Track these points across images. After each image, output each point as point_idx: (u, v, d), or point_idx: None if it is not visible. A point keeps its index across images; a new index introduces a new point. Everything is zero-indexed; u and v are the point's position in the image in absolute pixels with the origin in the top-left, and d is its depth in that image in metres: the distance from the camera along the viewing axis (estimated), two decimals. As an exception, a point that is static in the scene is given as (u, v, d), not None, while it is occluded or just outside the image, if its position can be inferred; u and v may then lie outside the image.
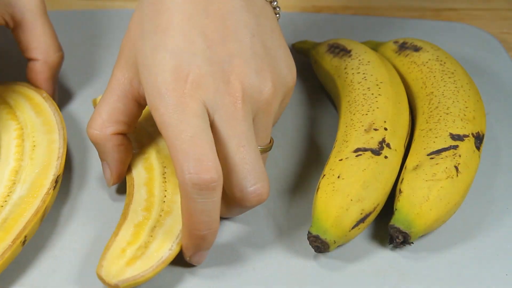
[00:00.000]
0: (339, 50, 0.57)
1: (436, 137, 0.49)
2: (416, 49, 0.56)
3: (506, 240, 0.48)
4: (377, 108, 0.51)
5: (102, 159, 0.48)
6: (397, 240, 0.46)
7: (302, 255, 0.47)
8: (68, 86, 0.58)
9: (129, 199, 0.47)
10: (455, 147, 0.48)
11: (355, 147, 0.48)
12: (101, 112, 0.47)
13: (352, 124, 0.50)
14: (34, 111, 0.52)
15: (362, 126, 0.50)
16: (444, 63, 0.54)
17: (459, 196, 0.47)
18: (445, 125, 0.49)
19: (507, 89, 0.61)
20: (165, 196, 0.47)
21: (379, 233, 0.48)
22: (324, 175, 0.48)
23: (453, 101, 0.51)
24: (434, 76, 0.53)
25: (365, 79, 0.53)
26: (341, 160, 0.48)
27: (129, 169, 0.49)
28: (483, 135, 0.50)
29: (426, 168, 0.47)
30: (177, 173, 0.41)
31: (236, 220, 0.49)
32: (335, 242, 0.45)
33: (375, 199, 0.46)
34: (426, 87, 0.53)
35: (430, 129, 0.50)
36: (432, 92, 0.52)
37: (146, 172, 0.48)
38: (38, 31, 0.55)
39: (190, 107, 0.42)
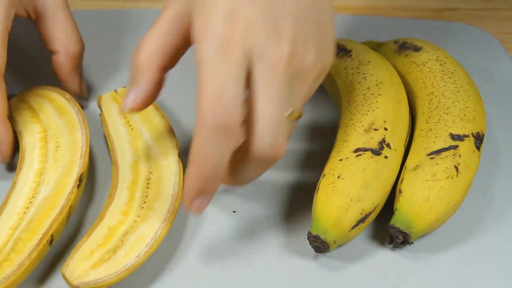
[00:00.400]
0: (339, 50, 0.57)
1: (436, 137, 0.49)
2: (416, 49, 0.56)
3: (506, 240, 0.48)
4: (377, 108, 0.51)
5: (132, 84, 0.47)
6: (397, 240, 0.46)
7: (302, 255, 0.47)
8: (68, 86, 0.58)
9: (109, 200, 0.47)
10: (455, 147, 0.48)
11: (355, 147, 0.48)
12: (149, 42, 0.47)
13: (352, 124, 0.50)
14: (57, 112, 0.52)
15: (362, 126, 0.50)
16: (444, 63, 0.54)
17: (459, 196, 0.47)
18: (445, 125, 0.49)
19: (507, 89, 0.61)
20: (144, 202, 0.47)
21: (379, 233, 0.48)
22: (324, 175, 0.48)
23: (453, 101, 0.51)
24: (434, 76, 0.53)
25: (365, 79, 0.53)
26: (341, 160, 0.48)
27: (116, 170, 0.49)
28: (483, 135, 0.50)
29: (426, 168, 0.47)
30: (198, 112, 0.42)
31: (236, 220, 0.49)
32: (335, 242, 0.45)
33: (375, 199, 0.46)
34: (426, 87, 0.53)
35: (430, 129, 0.50)
36: (432, 92, 0.52)
37: (132, 175, 0.48)
38: (59, 23, 0.56)
39: (232, 52, 0.42)
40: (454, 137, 0.48)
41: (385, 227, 0.48)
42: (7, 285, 0.42)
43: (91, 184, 0.51)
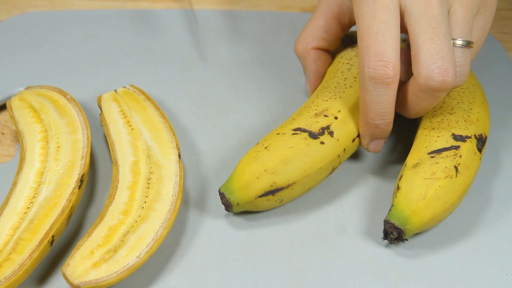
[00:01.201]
0: (349, 40, 0.57)
1: (438, 137, 0.49)
2: None
3: (506, 240, 0.48)
4: (340, 97, 0.51)
5: (304, 73, 0.56)
6: (391, 236, 0.46)
7: (302, 255, 0.47)
8: (69, 85, 0.58)
9: (110, 200, 0.47)
10: (457, 147, 0.48)
11: (297, 126, 0.49)
12: (305, 30, 0.55)
13: (309, 106, 0.51)
14: (58, 112, 0.52)
15: (316, 110, 0.50)
16: None
17: (457, 196, 0.47)
18: (448, 125, 0.49)
19: (507, 89, 0.61)
20: (145, 202, 0.47)
21: (379, 232, 0.48)
22: (258, 143, 0.49)
23: (458, 102, 0.51)
24: None
25: (349, 70, 0.53)
26: (278, 134, 0.49)
27: (116, 170, 0.49)
28: (485, 138, 0.50)
29: (426, 166, 0.47)
30: (359, 65, 0.46)
31: (236, 220, 0.49)
32: (238, 204, 0.47)
33: (290, 176, 0.47)
34: None
35: (433, 128, 0.50)
36: None
37: (132, 175, 0.48)
38: None
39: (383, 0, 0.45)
40: (456, 137, 0.48)
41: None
42: (8, 285, 0.42)
43: (92, 184, 0.51)
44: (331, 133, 0.49)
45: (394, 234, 0.46)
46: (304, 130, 0.49)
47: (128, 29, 0.66)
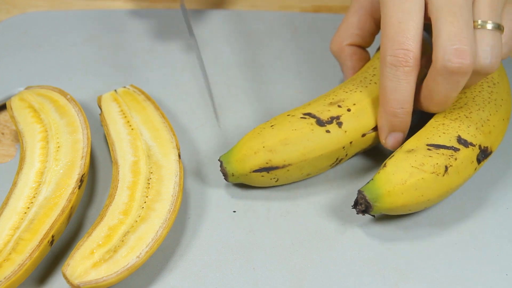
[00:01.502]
0: None
1: (443, 133, 0.49)
2: None
3: (506, 240, 0.48)
4: (360, 91, 0.51)
5: (342, 70, 0.57)
6: (359, 207, 0.47)
7: (302, 255, 0.47)
8: (69, 85, 0.58)
9: (110, 200, 0.47)
10: (456, 149, 0.48)
11: (308, 111, 0.50)
12: (339, 29, 0.56)
13: (329, 94, 0.52)
14: (58, 112, 0.52)
15: (333, 99, 0.51)
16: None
17: (436, 194, 0.47)
18: (458, 127, 0.49)
19: (507, 89, 0.61)
20: (145, 202, 0.47)
21: (379, 232, 0.48)
22: (267, 121, 0.50)
23: (479, 109, 0.50)
24: None
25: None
26: (288, 115, 0.50)
27: (116, 170, 0.49)
28: (490, 152, 0.50)
29: (419, 155, 0.47)
30: (380, 53, 0.47)
31: (236, 220, 0.49)
32: (233, 175, 0.49)
33: (287, 157, 0.48)
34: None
35: (443, 124, 0.49)
36: (465, 92, 0.52)
37: (132, 175, 0.48)
38: None
39: None
40: (460, 140, 0.48)
41: (385, 227, 0.48)
42: (8, 285, 0.42)
43: (91, 184, 0.51)
44: (339, 124, 0.49)
45: (362, 206, 0.47)
46: (314, 116, 0.49)
47: (128, 29, 0.66)
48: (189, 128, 0.56)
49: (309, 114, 0.49)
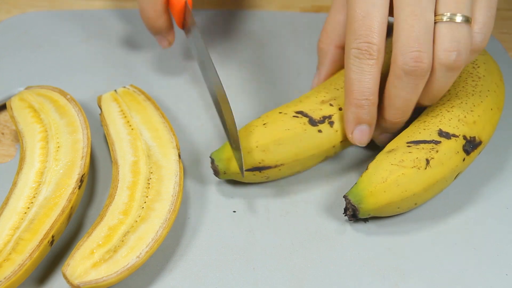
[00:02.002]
0: None
1: (424, 129, 0.49)
2: None
3: (506, 240, 0.48)
4: None
5: (317, 67, 0.56)
6: (348, 212, 0.47)
7: (302, 255, 0.47)
8: (69, 85, 0.58)
9: (110, 200, 0.47)
10: (437, 142, 0.48)
11: (300, 109, 0.50)
12: (326, 27, 0.55)
13: (320, 91, 0.52)
14: (58, 112, 0.52)
15: (324, 96, 0.51)
16: (478, 67, 0.54)
17: (420, 188, 0.47)
18: (440, 121, 0.49)
19: (507, 89, 0.61)
20: (145, 202, 0.47)
21: (379, 232, 0.48)
22: (259, 118, 0.50)
23: (461, 102, 0.51)
24: (460, 76, 0.53)
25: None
26: (280, 113, 0.50)
27: (116, 170, 0.49)
28: (479, 142, 0.50)
29: (398, 153, 0.47)
30: (345, 46, 0.48)
31: (236, 220, 0.49)
32: (225, 173, 0.49)
33: (280, 157, 0.48)
34: None
35: (424, 121, 0.50)
36: (449, 90, 0.52)
37: (132, 175, 0.48)
38: None
39: None
40: (441, 133, 0.48)
41: (385, 227, 0.48)
42: (8, 285, 0.42)
43: (91, 184, 0.51)
44: (331, 123, 0.49)
45: (350, 211, 0.47)
46: (306, 115, 0.49)
47: (128, 29, 0.66)
48: (189, 128, 0.56)
49: (301, 113, 0.49)
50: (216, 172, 0.50)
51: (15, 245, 0.44)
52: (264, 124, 0.49)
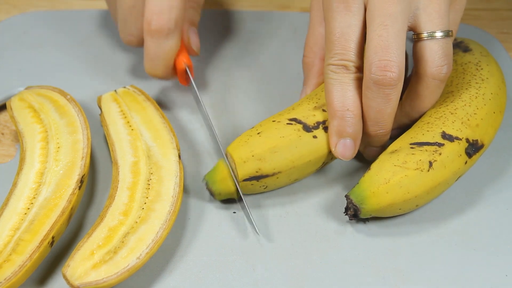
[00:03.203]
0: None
1: (427, 131, 0.49)
2: (466, 50, 0.56)
3: (506, 240, 0.48)
4: None
5: (304, 82, 0.55)
6: (349, 212, 0.47)
7: (302, 255, 0.47)
8: (69, 85, 0.58)
9: (110, 201, 0.47)
10: (440, 144, 0.48)
11: (293, 116, 0.50)
12: (309, 41, 0.55)
13: (312, 98, 0.52)
14: (58, 113, 0.52)
15: (317, 103, 0.51)
16: (482, 69, 0.54)
17: (423, 190, 0.47)
18: (443, 123, 0.49)
19: (507, 89, 0.61)
20: (145, 203, 0.47)
21: (379, 233, 0.48)
22: (252, 127, 0.50)
23: (465, 105, 0.50)
24: (463, 78, 0.53)
25: None
26: (273, 121, 0.50)
27: (116, 171, 0.49)
28: (482, 145, 0.50)
29: (401, 155, 0.47)
30: (325, 57, 0.49)
31: (236, 220, 0.49)
32: (220, 194, 0.49)
33: (276, 165, 0.48)
34: (451, 85, 0.53)
35: (428, 123, 0.50)
36: (452, 91, 0.52)
37: (132, 176, 0.48)
38: None
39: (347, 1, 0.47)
40: (445, 136, 0.48)
41: (385, 228, 0.48)
42: (8, 286, 0.42)
43: (91, 184, 0.51)
44: (325, 129, 0.49)
45: (351, 211, 0.47)
46: (300, 122, 0.49)
47: (128, 29, 0.66)
48: (189, 128, 0.56)
49: (294, 120, 0.49)
50: (212, 194, 0.49)
51: (15, 246, 0.44)
52: (258, 133, 0.49)
